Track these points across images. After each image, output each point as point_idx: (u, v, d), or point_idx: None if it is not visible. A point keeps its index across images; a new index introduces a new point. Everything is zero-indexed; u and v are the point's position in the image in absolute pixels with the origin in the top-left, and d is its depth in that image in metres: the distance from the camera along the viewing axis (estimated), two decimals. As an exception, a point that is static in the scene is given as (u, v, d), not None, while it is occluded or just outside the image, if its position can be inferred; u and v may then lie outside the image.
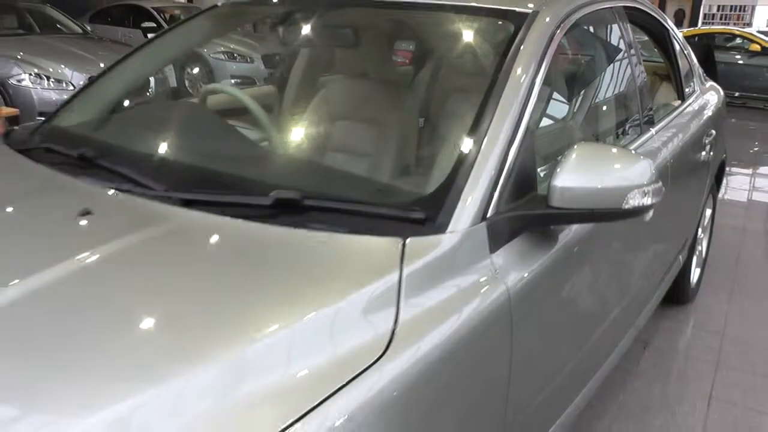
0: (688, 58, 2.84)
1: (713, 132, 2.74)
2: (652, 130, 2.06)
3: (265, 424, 0.80)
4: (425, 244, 1.09)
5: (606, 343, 1.83)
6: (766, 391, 2.42)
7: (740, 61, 9.69)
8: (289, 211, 1.16)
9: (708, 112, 2.77)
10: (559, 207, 1.23)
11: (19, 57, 5.70)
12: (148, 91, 2.29)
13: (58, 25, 7.06)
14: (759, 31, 13.25)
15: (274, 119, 1.96)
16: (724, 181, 4.25)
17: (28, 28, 6.80)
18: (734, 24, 19.02)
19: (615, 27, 1.99)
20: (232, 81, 8.86)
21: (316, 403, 0.83)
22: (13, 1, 6.97)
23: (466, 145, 1.25)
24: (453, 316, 1.05)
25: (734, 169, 5.91)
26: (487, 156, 1.23)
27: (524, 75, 1.37)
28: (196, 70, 8.64)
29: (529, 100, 1.34)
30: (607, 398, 2.32)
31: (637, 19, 2.26)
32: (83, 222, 1.17)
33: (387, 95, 1.73)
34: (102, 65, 5.82)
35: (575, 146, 1.27)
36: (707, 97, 2.91)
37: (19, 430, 0.76)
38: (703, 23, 19.14)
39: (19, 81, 5.53)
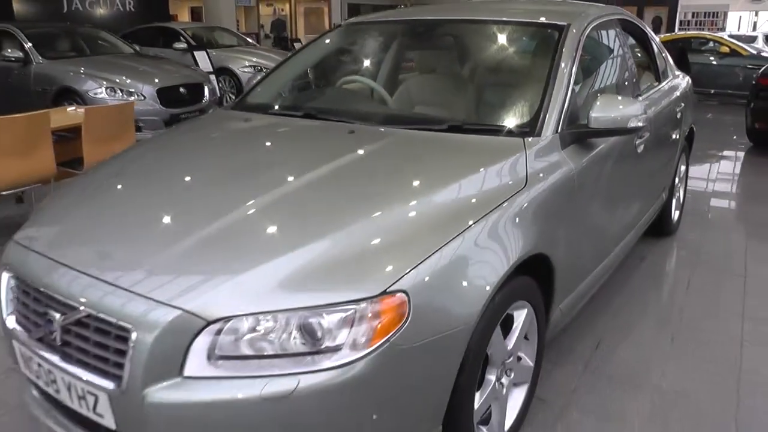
0: (662, 55, 4.06)
1: (682, 104, 3.96)
2: (640, 97, 3.25)
3: (459, 220, 1.91)
4: (533, 141, 2.24)
5: (619, 229, 2.99)
6: (726, 273, 3.60)
7: (713, 62, 11.04)
8: (458, 131, 2.32)
9: (677, 92, 3.98)
10: (593, 128, 2.40)
11: (91, 73, 6.82)
12: (313, 82, 3.42)
13: (109, 46, 8.16)
14: (730, 35, 14.76)
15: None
16: (704, 156, 5.54)
17: (82, 49, 7.89)
18: (708, 29, 20.65)
19: (613, 32, 3.19)
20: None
21: (501, 202, 1.95)
22: (73, 27, 8.09)
23: (545, 98, 2.41)
24: (552, 173, 2.20)
25: (710, 151, 7.19)
26: (555, 103, 2.38)
27: (567, 59, 2.54)
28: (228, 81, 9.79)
29: (572, 72, 2.51)
30: (617, 288, 3.48)
31: (627, 27, 3.47)
32: (351, 136, 2.32)
33: (494, 73, 2.92)
34: (156, 80, 6.96)
35: (599, 96, 2.45)
36: (677, 81, 4.14)
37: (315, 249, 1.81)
38: (679, 29, 20.74)
39: (95, 93, 6.63)
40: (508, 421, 2.13)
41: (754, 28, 24.70)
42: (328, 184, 1.98)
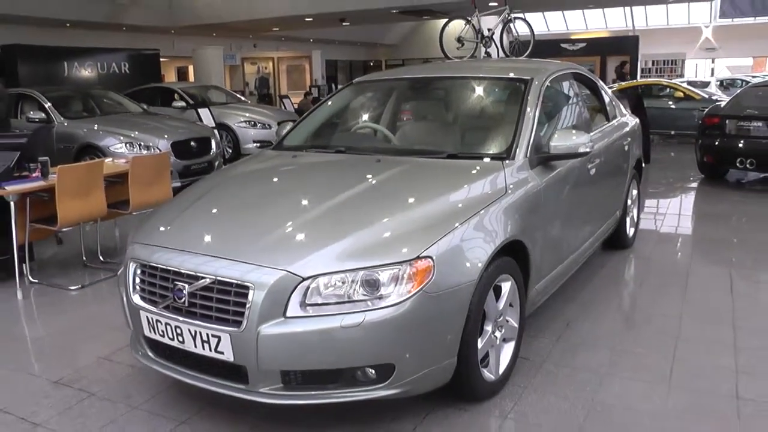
0: (612, 101, 5.05)
1: (629, 139, 4.94)
2: (591, 133, 4.20)
3: (464, 212, 2.77)
4: (510, 162, 3.13)
5: (579, 233, 3.88)
6: (672, 275, 4.48)
7: (671, 106, 12.29)
8: (455, 158, 3.21)
9: (625, 129, 4.96)
10: (553, 153, 3.30)
11: (109, 130, 7.68)
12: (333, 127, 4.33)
13: (119, 105, 9.05)
14: (688, 82, 16.19)
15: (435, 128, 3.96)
16: (662, 185, 6.57)
17: (94, 109, 8.76)
18: (668, 75, 22.36)
19: (567, 83, 4.16)
20: (255, 144, 10.93)
21: (490, 203, 2.82)
22: (85, 89, 8.99)
23: (516, 132, 3.31)
24: (523, 186, 3.09)
25: (668, 182, 8.23)
26: (524, 135, 3.29)
27: (532, 104, 3.47)
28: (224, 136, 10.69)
29: (535, 114, 3.43)
30: (582, 286, 4.34)
31: (580, 78, 4.46)
32: (378, 163, 3.20)
33: (476, 115, 3.85)
34: (170, 135, 7.85)
35: (557, 130, 3.37)
36: (625, 120, 5.13)
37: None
38: (641, 75, 22.37)
39: (116, 149, 7.47)
40: (501, 367, 2.93)
41: (712, 74, 26.70)
42: (374, 191, 2.90)
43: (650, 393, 2.94)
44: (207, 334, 2.44)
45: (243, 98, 12.98)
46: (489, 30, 10.32)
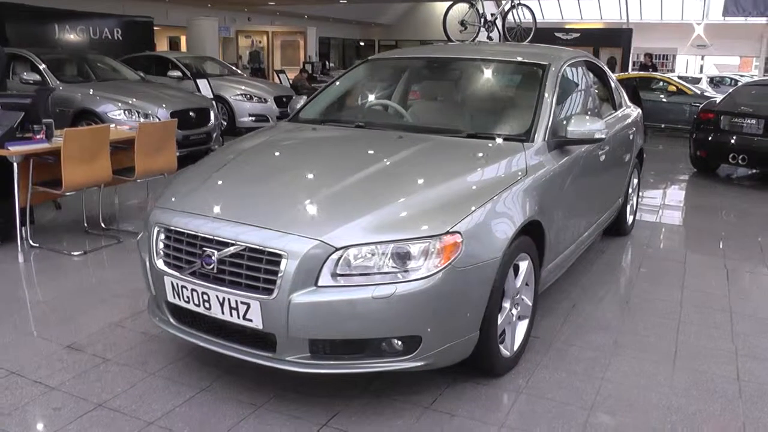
0: (618, 90, 5.11)
1: (634, 129, 5.01)
2: (604, 120, 4.26)
3: (489, 190, 2.81)
4: (529, 145, 3.18)
5: (586, 217, 3.95)
6: (669, 260, 4.59)
7: (663, 100, 12.43)
8: (473, 137, 3.25)
9: (630, 119, 5.03)
10: (569, 137, 3.36)
11: (108, 96, 7.57)
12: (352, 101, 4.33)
13: (115, 72, 8.91)
14: (679, 76, 16.36)
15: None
16: (656, 178, 6.70)
17: (90, 75, 8.61)
18: (659, 70, 22.55)
19: (581, 70, 4.21)
20: (251, 118, 10.86)
21: (512, 183, 2.86)
22: (81, 54, 8.82)
23: (535, 115, 3.35)
24: (542, 168, 3.14)
25: (661, 175, 8.37)
26: (542, 120, 3.33)
27: (549, 89, 3.51)
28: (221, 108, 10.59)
29: (553, 99, 3.47)
30: (585, 270, 4.43)
31: (591, 66, 4.51)
32: (401, 139, 3.22)
33: (492, 98, 3.88)
34: (169, 104, 7.77)
35: (573, 115, 3.42)
36: (630, 111, 5.20)
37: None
38: (632, 69, 22.53)
39: (114, 115, 7.38)
40: (516, 344, 3.00)
41: (701, 71, 26.99)
42: (400, 166, 2.92)
43: (655, 372, 3.03)
44: (236, 301, 2.46)
45: (239, 71, 12.84)
46: (492, 15, 10.35)
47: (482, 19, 10.50)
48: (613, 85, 4.97)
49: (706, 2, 24.31)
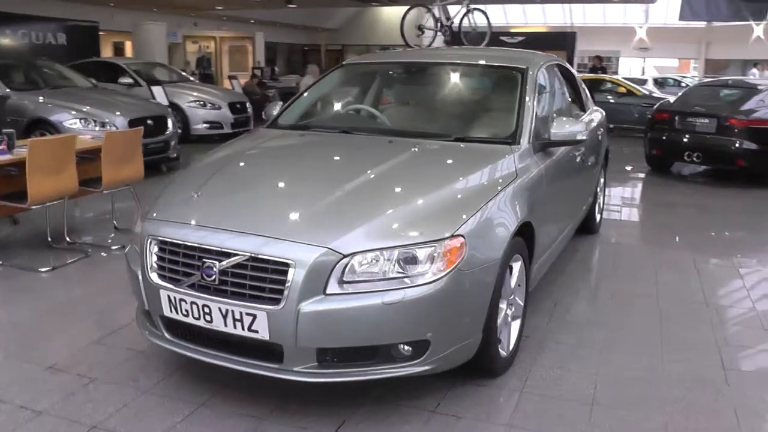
0: (585, 91, 5.27)
1: (601, 130, 5.17)
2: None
3: (486, 193, 2.86)
4: (516, 147, 3.24)
5: (567, 215, 4.05)
6: (640, 256, 4.76)
7: (612, 101, 12.84)
8: (460, 141, 3.29)
9: (597, 120, 5.19)
10: (553, 140, 3.44)
11: (62, 105, 7.30)
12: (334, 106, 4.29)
13: (66, 79, 8.59)
14: (625, 78, 16.95)
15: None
16: (614, 178, 6.92)
17: (39, 82, 8.28)
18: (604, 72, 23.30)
19: (554, 74, 4.32)
20: (205, 125, 10.67)
21: (501, 189, 2.90)
22: (30, 60, 8.48)
23: (519, 119, 3.41)
24: (529, 170, 3.20)
25: (619, 174, 8.65)
26: (526, 123, 3.39)
27: (530, 92, 3.59)
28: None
29: (534, 102, 3.55)
30: (562, 269, 4.54)
31: (562, 70, 4.63)
32: (391, 144, 3.23)
33: (473, 102, 3.93)
34: (127, 112, 7.57)
35: (555, 118, 3.51)
36: (596, 112, 5.37)
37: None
38: (578, 71, 23.21)
39: (70, 124, 7.12)
40: (511, 344, 3.05)
41: (643, 73, 28.06)
42: (396, 171, 2.93)
43: (647, 365, 3.14)
44: (240, 313, 2.41)
45: (191, 77, 12.59)
46: (448, 19, 10.48)
47: (439, 24, 10.64)
48: (581, 87, 5.12)
49: (648, 7, 25.31)
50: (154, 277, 2.65)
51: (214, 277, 2.46)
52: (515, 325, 3.13)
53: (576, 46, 24.45)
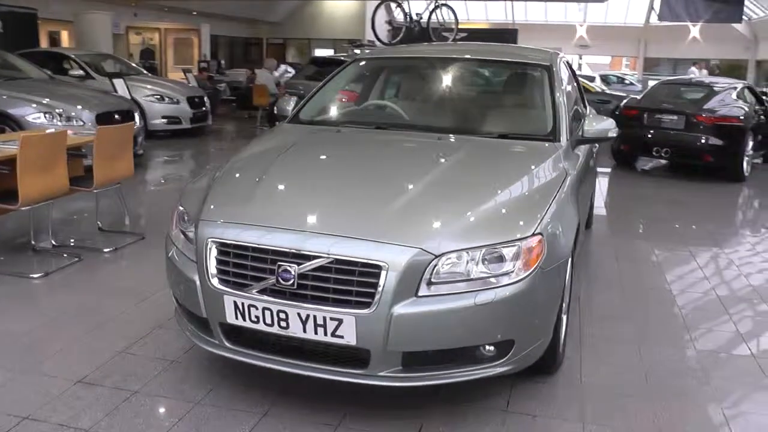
0: (581, 86, 5.38)
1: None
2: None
3: (550, 191, 2.86)
4: (559, 144, 3.26)
5: (585, 211, 4.11)
6: (631, 249, 4.92)
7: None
8: (503, 137, 3.28)
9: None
10: (587, 137, 3.49)
11: (23, 98, 6.82)
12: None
13: (19, 70, 8.03)
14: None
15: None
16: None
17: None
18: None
19: (568, 69, 4.38)
20: (163, 120, 10.26)
21: (559, 186, 2.90)
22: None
23: (555, 116, 3.43)
24: (573, 166, 3.23)
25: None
26: (562, 120, 3.41)
27: (560, 88, 3.62)
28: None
29: (564, 98, 3.59)
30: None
31: (568, 65, 4.71)
32: (440, 141, 3.19)
33: (503, 98, 3.93)
34: (94, 106, 7.17)
35: (589, 115, 3.56)
36: (589, 107, 5.50)
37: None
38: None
39: (34, 119, 6.66)
40: (562, 340, 3.06)
41: (579, 69, 28.99)
42: (460, 168, 2.91)
43: (683, 356, 3.26)
44: (324, 318, 2.31)
45: (144, 70, 12.05)
46: (417, 15, 10.49)
47: (408, 18, 10.63)
48: (579, 83, 5.22)
49: (586, 6, 26.18)
50: (215, 282, 2.50)
51: (291, 281, 2.34)
52: (564, 322, 3.15)
53: (518, 43, 25.00)
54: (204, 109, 11.05)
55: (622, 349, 3.31)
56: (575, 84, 4.94)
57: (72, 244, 4.79)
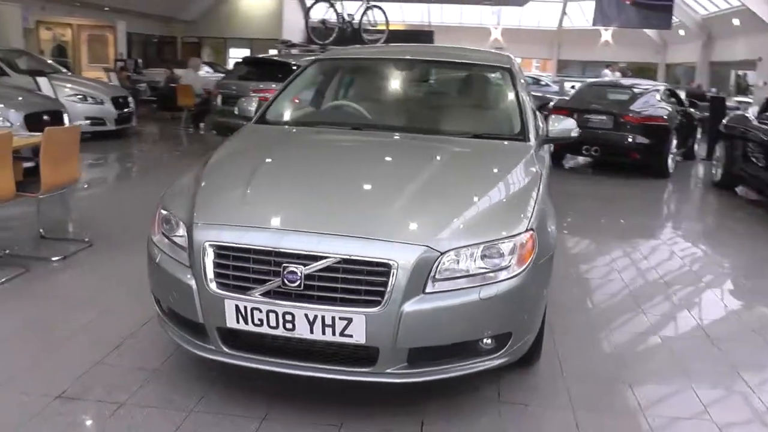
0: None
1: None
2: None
3: (532, 188, 3.00)
4: (530, 144, 3.41)
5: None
6: (585, 243, 5.20)
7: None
8: (477, 137, 3.41)
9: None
10: (551, 136, 3.68)
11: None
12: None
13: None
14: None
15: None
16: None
17: None
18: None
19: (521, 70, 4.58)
20: (86, 121, 9.78)
21: (538, 183, 3.03)
22: None
23: (522, 117, 3.59)
24: (544, 165, 3.39)
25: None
26: (529, 120, 3.57)
27: (523, 89, 3.79)
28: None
29: (528, 98, 3.76)
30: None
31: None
32: (421, 141, 3.28)
33: (468, 98, 4.04)
34: (21, 107, 6.76)
35: (552, 117, 3.75)
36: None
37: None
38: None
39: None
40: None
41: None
42: (448, 167, 3.03)
43: (650, 333, 3.50)
44: (332, 318, 2.33)
45: (62, 68, 11.41)
46: (349, 15, 10.56)
47: (341, 19, 10.67)
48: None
49: (500, 9, 27.17)
50: (214, 286, 2.46)
51: (298, 282, 2.35)
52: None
53: (434, 43, 25.51)
54: (128, 110, 10.63)
55: (594, 337, 3.51)
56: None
57: (11, 253, 4.50)
